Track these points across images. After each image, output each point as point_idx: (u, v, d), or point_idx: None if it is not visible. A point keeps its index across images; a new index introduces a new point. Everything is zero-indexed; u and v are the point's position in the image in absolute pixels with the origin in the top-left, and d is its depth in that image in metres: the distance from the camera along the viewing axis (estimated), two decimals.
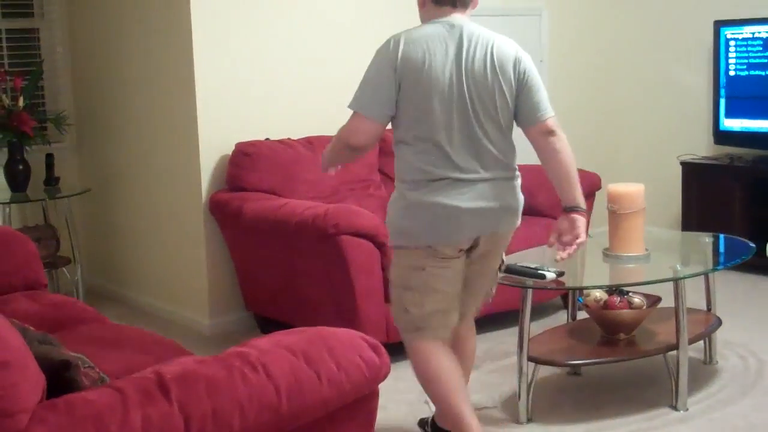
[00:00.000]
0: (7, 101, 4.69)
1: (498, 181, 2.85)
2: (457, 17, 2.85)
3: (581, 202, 2.94)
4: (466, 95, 2.77)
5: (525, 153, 3.02)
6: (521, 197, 2.96)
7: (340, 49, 4.90)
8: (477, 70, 2.78)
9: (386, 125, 2.85)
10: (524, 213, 4.60)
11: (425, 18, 2.92)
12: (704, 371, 3.85)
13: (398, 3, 5.11)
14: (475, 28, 2.85)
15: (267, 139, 4.55)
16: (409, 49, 2.76)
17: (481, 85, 2.78)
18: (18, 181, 4.80)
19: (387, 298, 3.90)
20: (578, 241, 2.91)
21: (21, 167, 4.79)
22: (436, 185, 2.79)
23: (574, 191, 2.90)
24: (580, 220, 2.92)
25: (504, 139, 2.86)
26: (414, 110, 2.78)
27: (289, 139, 4.61)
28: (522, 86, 2.84)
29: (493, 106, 2.80)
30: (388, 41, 2.81)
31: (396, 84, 2.76)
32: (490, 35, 2.85)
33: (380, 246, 3.86)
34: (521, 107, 2.86)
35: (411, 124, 2.80)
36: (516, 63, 2.83)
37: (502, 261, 3.09)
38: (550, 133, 2.85)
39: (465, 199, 2.79)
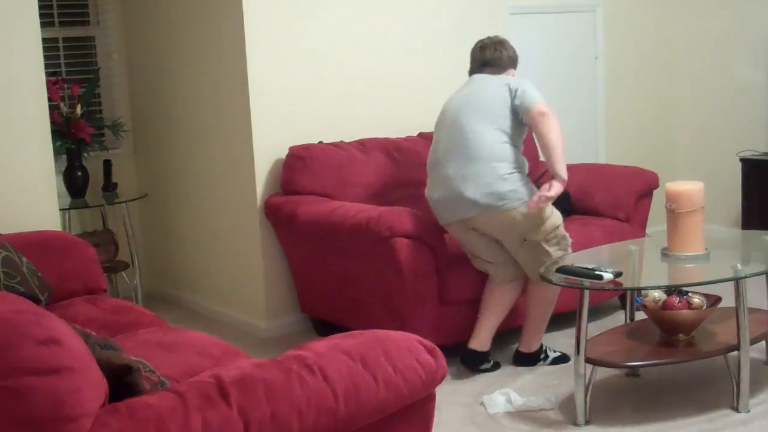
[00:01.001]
0: (65, 109, 4.77)
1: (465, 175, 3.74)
2: (481, 76, 3.93)
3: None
4: (463, 117, 3.80)
5: (577, 154, 3.00)
6: (489, 188, 3.70)
7: (393, 53, 4.90)
8: (472, 97, 3.85)
9: None
10: (580, 212, 4.67)
11: None
12: (766, 372, 3.76)
13: (446, 5, 5.11)
14: (486, 77, 3.91)
15: (320, 142, 4.57)
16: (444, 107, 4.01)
17: (475, 106, 3.80)
18: (77, 188, 4.88)
19: (441, 300, 3.91)
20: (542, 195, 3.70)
21: (79, 173, 4.86)
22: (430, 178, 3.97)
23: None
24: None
25: (493, 142, 3.74)
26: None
27: (341, 141, 4.62)
28: (514, 97, 3.76)
29: (486, 118, 3.76)
30: None
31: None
32: (488, 76, 3.91)
33: (433, 248, 3.85)
34: (517, 110, 3.77)
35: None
36: (508, 86, 3.78)
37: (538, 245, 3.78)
38: (540, 114, 3.68)
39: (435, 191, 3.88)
